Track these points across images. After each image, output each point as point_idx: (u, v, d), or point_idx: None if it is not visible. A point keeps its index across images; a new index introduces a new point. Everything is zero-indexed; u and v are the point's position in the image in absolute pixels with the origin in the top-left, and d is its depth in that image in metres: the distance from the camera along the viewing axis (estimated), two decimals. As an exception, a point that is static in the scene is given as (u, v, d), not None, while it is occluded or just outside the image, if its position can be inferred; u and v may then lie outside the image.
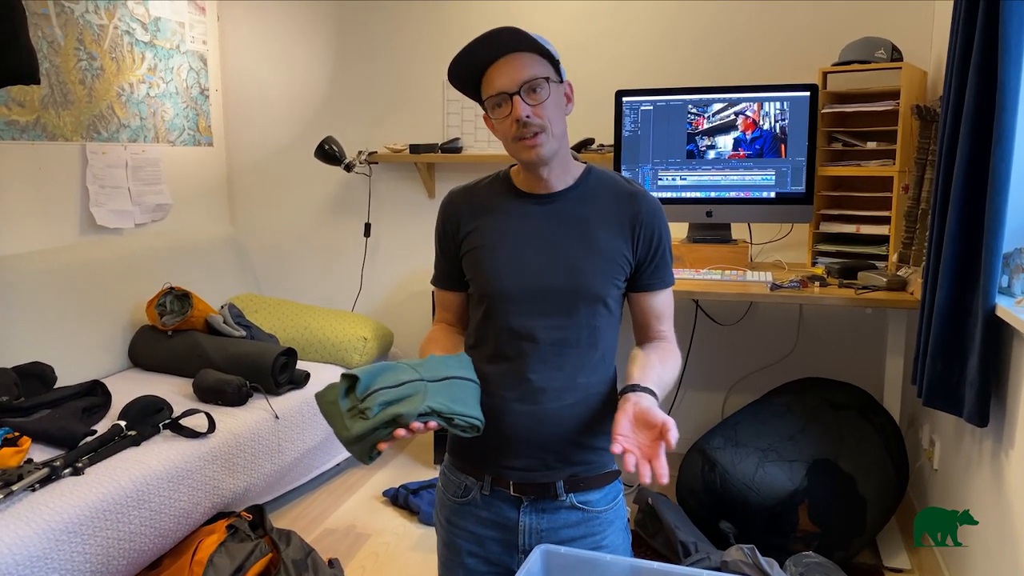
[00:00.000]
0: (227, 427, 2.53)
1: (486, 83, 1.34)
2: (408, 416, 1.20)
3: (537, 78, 1.31)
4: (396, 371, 1.27)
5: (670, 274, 1.46)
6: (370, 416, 1.20)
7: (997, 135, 1.80)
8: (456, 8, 3.53)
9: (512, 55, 1.32)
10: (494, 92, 1.32)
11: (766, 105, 2.79)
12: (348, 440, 1.22)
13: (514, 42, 1.30)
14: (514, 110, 1.31)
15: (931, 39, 2.97)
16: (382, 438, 1.21)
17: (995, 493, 1.98)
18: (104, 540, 2.03)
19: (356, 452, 1.23)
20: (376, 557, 2.62)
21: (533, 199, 1.42)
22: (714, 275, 2.72)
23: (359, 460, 1.24)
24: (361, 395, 1.22)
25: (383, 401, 1.21)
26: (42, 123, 2.92)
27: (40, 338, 2.72)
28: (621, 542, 1.48)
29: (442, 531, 1.51)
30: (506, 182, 1.45)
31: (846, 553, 2.39)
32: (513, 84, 1.30)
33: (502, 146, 1.39)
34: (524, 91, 1.31)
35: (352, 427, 1.20)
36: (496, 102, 1.33)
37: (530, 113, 1.31)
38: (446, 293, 1.53)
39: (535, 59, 1.33)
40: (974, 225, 1.93)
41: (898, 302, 2.43)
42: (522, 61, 1.31)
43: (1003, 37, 1.78)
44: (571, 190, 1.41)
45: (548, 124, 1.32)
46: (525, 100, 1.31)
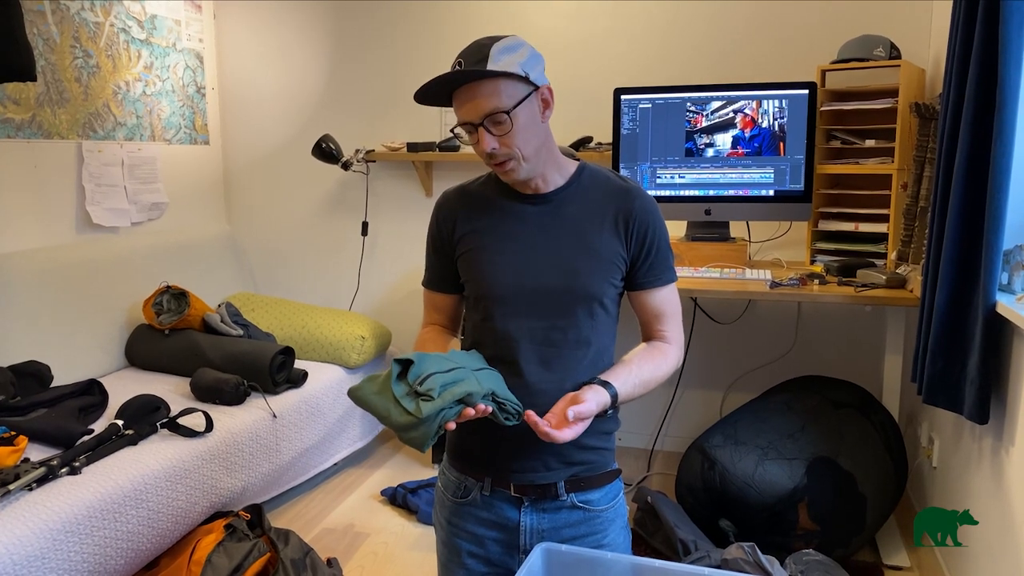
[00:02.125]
0: (225, 426, 2.52)
1: (455, 105, 1.32)
2: (477, 395, 1.20)
3: (498, 111, 1.27)
4: (439, 359, 1.25)
5: (668, 272, 1.43)
6: (435, 396, 1.17)
7: (997, 132, 1.79)
8: (454, 6, 3.52)
9: (474, 84, 1.28)
10: (462, 122, 1.31)
11: (765, 103, 2.78)
12: (410, 424, 1.18)
13: (475, 69, 1.27)
14: (480, 142, 1.30)
15: (929, 37, 2.97)
16: (450, 418, 1.19)
17: (995, 491, 1.97)
18: (102, 540, 2.02)
19: (418, 436, 1.19)
20: (375, 556, 2.62)
21: (526, 199, 1.41)
22: (713, 273, 2.72)
23: (417, 446, 1.20)
24: (415, 379, 1.20)
25: (444, 383, 1.19)
26: (38, 121, 2.90)
27: (36, 337, 2.71)
28: (622, 541, 1.48)
29: (442, 531, 1.50)
30: (499, 182, 1.44)
31: (846, 551, 2.39)
32: (477, 116, 1.28)
33: None
34: (488, 123, 1.29)
35: (419, 409, 1.17)
36: (466, 129, 1.32)
37: (496, 145, 1.30)
38: (439, 295, 1.52)
39: (497, 86, 1.27)
40: (974, 222, 1.93)
41: (897, 300, 2.43)
42: (484, 90, 1.27)
43: (1003, 35, 1.77)
44: (564, 189, 1.41)
45: (517, 151, 1.31)
46: (490, 131, 1.29)
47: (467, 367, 1.27)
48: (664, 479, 3.14)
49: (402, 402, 1.18)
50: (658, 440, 3.44)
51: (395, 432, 1.21)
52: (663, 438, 3.44)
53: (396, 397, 1.19)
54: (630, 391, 1.34)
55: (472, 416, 1.22)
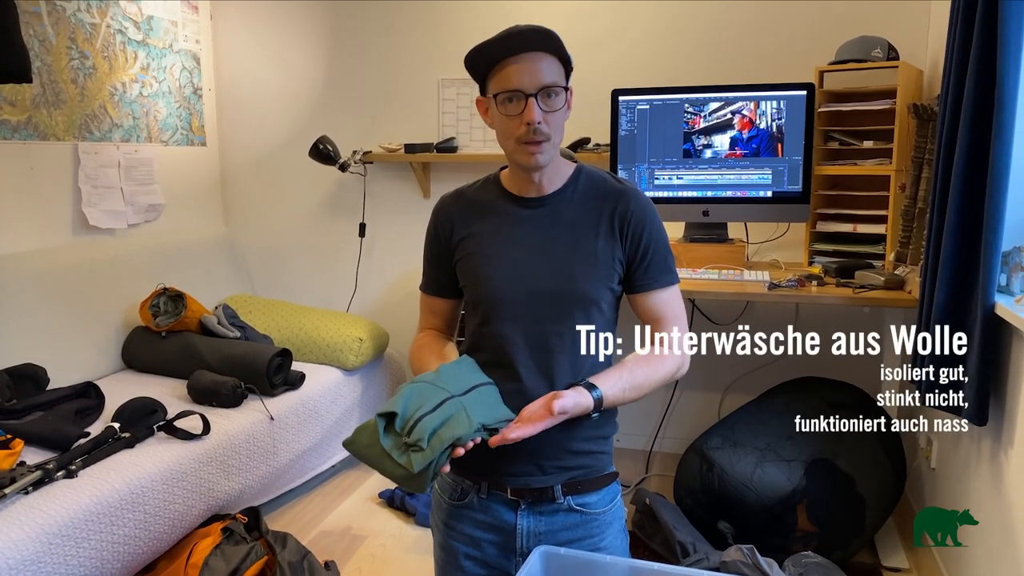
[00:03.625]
0: (222, 429, 2.52)
1: (501, 75, 1.30)
2: (466, 437, 1.21)
3: (556, 85, 1.29)
4: (424, 393, 1.25)
5: (668, 274, 1.42)
6: (424, 447, 1.18)
7: (996, 133, 1.79)
8: (450, 8, 3.52)
9: (536, 54, 1.29)
10: (510, 88, 1.29)
11: (763, 104, 2.78)
12: (406, 477, 1.20)
13: (542, 42, 1.28)
14: (527, 112, 1.28)
15: (927, 38, 2.97)
16: (443, 463, 1.21)
17: (994, 492, 1.97)
18: (98, 543, 2.01)
19: (417, 484, 1.21)
20: (372, 559, 2.61)
21: (525, 203, 1.41)
22: (711, 275, 2.72)
23: (417, 491, 1.22)
24: (402, 428, 1.21)
25: (432, 428, 1.20)
26: (34, 122, 2.89)
27: (32, 339, 2.70)
28: (619, 543, 1.48)
29: (439, 534, 1.50)
30: (496, 185, 1.44)
31: (844, 553, 2.39)
32: (532, 86, 1.28)
33: (498, 145, 1.37)
34: (541, 96, 1.28)
35: (410, 462, 1.18)
36: (508, 97, 1.30)
37: (542, 120, 1.29)
38: (436, 300, 1.52)
39: (555, 64, 1.31)
40: (973, 223, 1.92)
41: (896, 301, 2.43)
42: (545, 63, 1.29)
43: (1002, 35, 1.77)
44: (562, 192, 1.40)
45: (553, 134, 1.31)
46: (540, 105, 1.29)
47: (455, 394, 1.26)
48: (662, 481, 3.14)
49: (392, 455, 1.20)
50: (656, 441, 3.43)
51: (393, 481, 1.23)
52: (661, 439, 3.44)
53: (386, 451, 1.20)
54: (618, 395, 1.32)
55: (462, 454, 1.23)
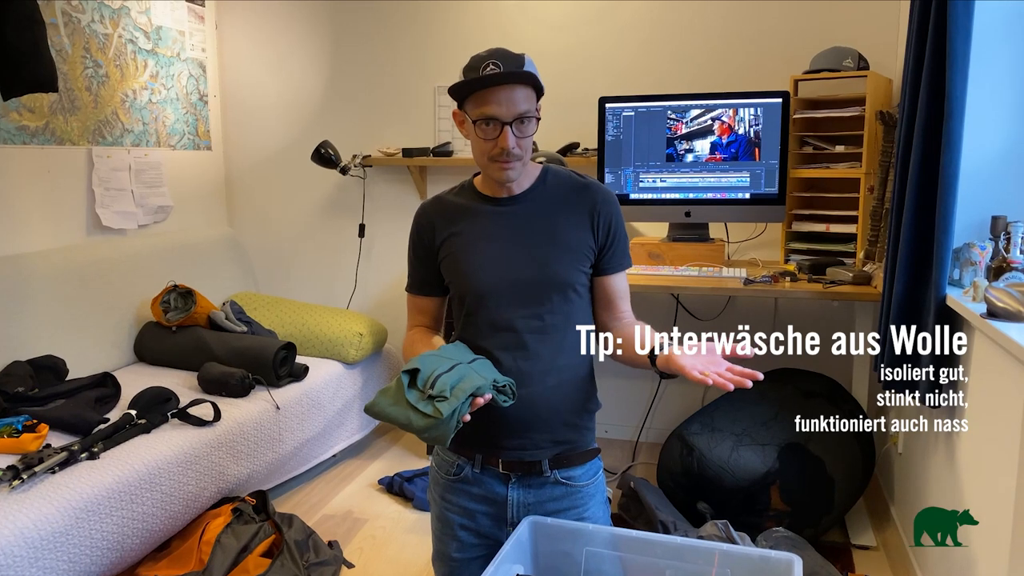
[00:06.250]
0: (231, 416, 2.66)
1: (479, 99, 1.43)
2: (485, 387, 1.35)
3: (529, 113, 1.44)
4: (436, 359, 1.39)
5: (627, 258, 1.61)
6: (448, 395, 1.31)
7: (946, 140, 1.95)
8: (448, 18, 3.67)
9: (515, 85, 1.43)
10: (488, 115, 1.43)
11: (741, 111, 2.95)
12: (431, 426, 1.31)
13: (519, 76, 1.42)
14: (503, 139, 1.43)
15: (896, 49, 3.12)
16: (465, 412, 1.33)
17: (948, 474, 2.13)
18: (119, 520, 2.16)
19: (440, 434, 1.32)
20: (373, 539, 2.76)
21: (499, 202, 1.56)
22: (692, 271, 2.87)
23: (441, 442, 1.34)
24: (424, 383, 1.34)
25: (451, 383, 1.33)
26: (51, 128, 3.04)
27: (52, 333, 2.84)
28: (602, 514, 1.62)
29: (436, 507, 1.64)
30: (472, 190, 1.60)
31: (815, 530, 2.55)
32: (509, 115, 1.42)
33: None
34: (515, 124, 1.43)
35: (438, 410, 1.30)
36: (485, 121, 1.44)
37: (515, 145, 1.44)
38: (423, 298, 1.66)
39: (530, 92, 1.45)
40: (927, 222, 2.08)
41: (862, 295, 2.59)
42: (521, 93, 1.43)
43: (950, 48, 1.92)
44: (532, 190, 1.56)
45: (524, 154, 1.47)
46: (514, 132, 1.43)
47: (462, 361, 1.41)
48: (648, 468, 3.28)
49: (419, 407, 1.32)
50: (642, 432, 3.58)
51: (418, 435, 1.35)
52: (647, 430, 3.59)
53: (412, 403, 1.33)
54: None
55: (481, 405, 1.35)
